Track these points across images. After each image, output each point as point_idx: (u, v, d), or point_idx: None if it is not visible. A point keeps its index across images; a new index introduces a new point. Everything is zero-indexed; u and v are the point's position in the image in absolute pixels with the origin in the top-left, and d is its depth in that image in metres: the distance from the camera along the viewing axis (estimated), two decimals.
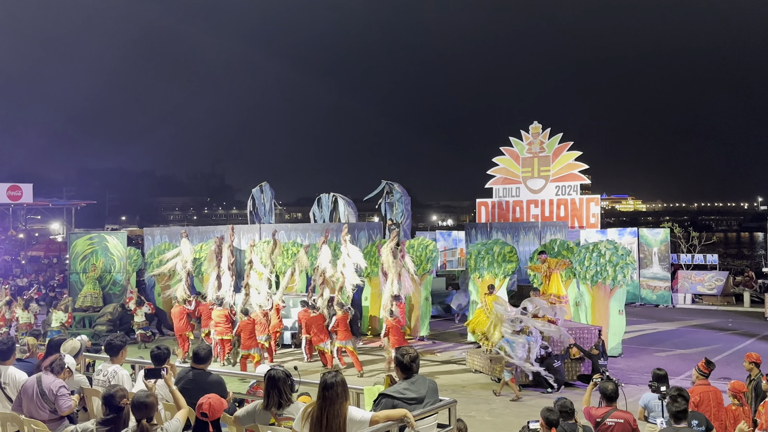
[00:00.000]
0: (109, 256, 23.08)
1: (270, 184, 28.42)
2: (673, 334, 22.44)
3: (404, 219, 26.39)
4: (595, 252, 18.73)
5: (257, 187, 28.50)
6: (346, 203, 27.22)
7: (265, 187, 28.46)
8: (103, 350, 8.23)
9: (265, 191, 28.37)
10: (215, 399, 5.63)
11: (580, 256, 19.01)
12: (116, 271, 23.08)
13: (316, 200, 28.39)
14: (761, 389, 9.34)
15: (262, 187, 28.48)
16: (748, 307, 28.66)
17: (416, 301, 20.98)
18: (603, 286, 18.38)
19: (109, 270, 23.06)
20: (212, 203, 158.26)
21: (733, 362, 16.93)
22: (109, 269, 23.06)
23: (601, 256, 18.62)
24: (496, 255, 20.14)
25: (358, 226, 23.99)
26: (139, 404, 5.55)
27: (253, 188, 28.56)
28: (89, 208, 59.34)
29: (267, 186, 28.51)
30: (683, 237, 32.80)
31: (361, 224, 24.64)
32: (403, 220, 26.33)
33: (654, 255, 30.67)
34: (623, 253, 18.67)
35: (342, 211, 27.11)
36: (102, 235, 24.06)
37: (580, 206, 32.37)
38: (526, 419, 8.55)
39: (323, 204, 27.93)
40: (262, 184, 28.53)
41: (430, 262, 21.42)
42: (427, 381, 5.72)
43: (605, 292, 18.37)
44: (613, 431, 7.30)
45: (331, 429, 5.08)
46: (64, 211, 49.81)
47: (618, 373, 15.19)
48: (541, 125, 33.56)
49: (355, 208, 27.60)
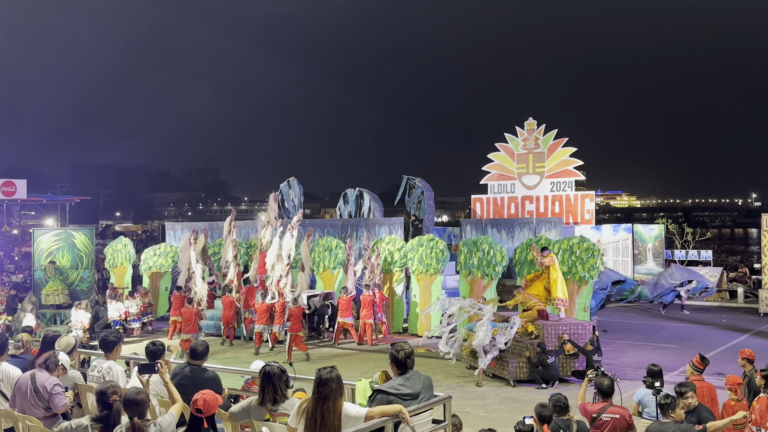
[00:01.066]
0: (75, 252, 22.81)
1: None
2: (666, 329, 22.50)
3: (427, 214, 25.97)
4: (567, 250, 18.97)
5: (285, 183, 27.76)
6: (371, 198, 26.83)
7: (293, 182, 27.71)
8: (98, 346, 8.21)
9: (293, 186, 27.65)
10: (210, 395, 5.63)
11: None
12: (83, 268, 22.92)
13: (342, 195, 28.00)
14: (755, 385, 9.37)
15: (289, 182, 27.73)
16: (742, 302, 28.76)
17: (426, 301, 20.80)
18: (572, 283, 18.62)
19: (76, 266, 22.79)
20: (207, 199, 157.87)
21: (726, 358, 16.99)
22: (76, 266, 22.80)
23: (572, 254, 18.86)
24: (486, 253, 20.26)
25: (378, 221, 24.04)
26: (129, 401, 5.54)
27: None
28: (83, 203, 59.17)
29: (295, 181, 27.76)
30: (677, 233, 32.91)
31: (382, 220, 24.44)
32: (426, 215, 25.89)
33: (648, 251, 30.76)
34: (593, 251, 18.81)
35: (367, 206, 26.71)
36: (68, 231, 23.83)
37: (575, 202, 32.40)
38: (521, 414, 8.57)
39: (349, 199, 27.57)
40: (290, 180, 27.78)
41: (441, 262, 21.13)
42: (422, 377, 5.72)
43: (573, 290, 18.63)
44: (608, 426, 7.32)
45: (326, 425, 5.08)
46: (58, 206, 49.65)
47: (613, 368, 15.22)
48: (536, 121, 33.54)
49: (380, 203, 27.32)
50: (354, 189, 27.59)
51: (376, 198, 27.33)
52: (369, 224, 23.89)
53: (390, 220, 24.11)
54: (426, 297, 20.95)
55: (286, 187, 27.77)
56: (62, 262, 22.63)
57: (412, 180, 27.14)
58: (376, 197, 27.47)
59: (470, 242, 21.08)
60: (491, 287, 20.16)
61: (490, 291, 19.97)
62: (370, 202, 26.75)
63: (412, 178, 27.17)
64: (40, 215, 52.58)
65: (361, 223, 24.08)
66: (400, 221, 24.04)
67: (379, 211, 26.97)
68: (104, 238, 60.22)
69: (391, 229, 23.22)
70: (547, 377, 14.89)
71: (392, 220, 24.08)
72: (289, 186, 27.73)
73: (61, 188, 74.58)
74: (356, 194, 27.46)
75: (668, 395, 7.13)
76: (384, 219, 24.82)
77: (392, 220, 24.08)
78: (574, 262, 18.91)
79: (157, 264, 25.25)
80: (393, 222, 23.83)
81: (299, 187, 27.70)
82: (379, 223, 23.85)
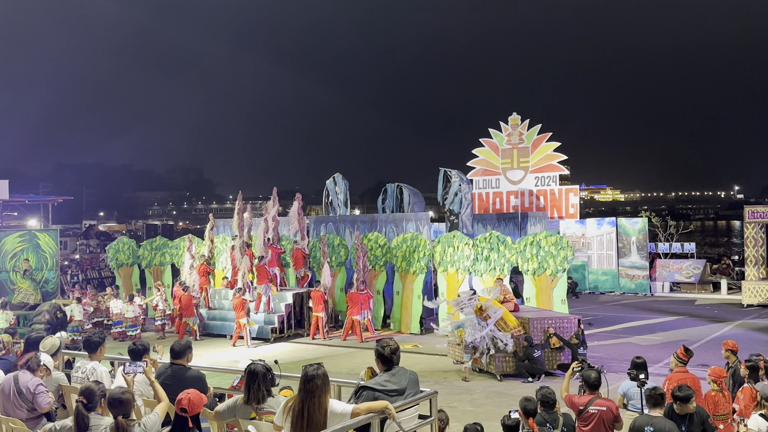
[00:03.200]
0: (40, 253, 22.67)
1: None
2: (651, 322, 22.64)
3: (464, 209, 24.73)
4: (535, 245, 19.24)
5: (330, 179, 26.97)
6: (411, 193, 26.34)
7: (338, 178, 26.85)
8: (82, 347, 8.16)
9: (338, 182, 26.80)
10: (194, 394, 5.59)
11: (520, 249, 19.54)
12: (48, 269, 22.70)
13: (382, 191, 27.55)
14: (739, 376, 9.44)
15: (335, 178, 26.90)
16: (726, 294, 29.01)
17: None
18: (546, 277, 19.04)
19: (41, 268, 22.63)
20: (192, 198, 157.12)
21: (710, 349, 17.13)
22: (41, 267, 22.63)
23: (541, 249, 19.14)
24: (457, 249, 20.33)
25: (406, 217, 23.71)
26: (114, 401, 5.50)
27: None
28: (67, 204, 58.61)
29: (340, 177, 26.87)
30: (661, 226, 33.11)
31: (410, 215, 23.97)
32: (463, 210, 24.73)
33: (632, 244, 30.93)
34: (561, 245, 19.11)
35: (407, 201, 26.26)
36: (33, 233, 23.68)
37: (560, 197, 32.55)
38: (507, 408, 8.59)
39: (388, 194, 27.12)
40: (335, 176, 26.91)
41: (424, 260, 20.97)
42: (407, 372, 5.72)
43: (546, 284, 19.08)
44: (595, 419, 7.35)
45: (312, 421, 5.07)
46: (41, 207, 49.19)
47: (598, 361, 15.30)
48: (520, 116, 33.66)
49: (421, 198, 26.86)
50: (393, 184, 27.01)
51: (416, 192, 26.67)
52: (397, 220, 23.54)
53: (417, 215, 23.68)
54: (408, 294, 20.95)
55: (332, 183, 26.92)
56: (24, 265, 22.48)
57: (449, 172, 26.13)
58: (417, 192, 26.83)
59: (442, 238, 21.21)
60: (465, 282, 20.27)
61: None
62: (410, 197, 26.19)
63: (449, 171, 26.21)
64: (22, 216, 52.11)
65: (389, 219, 23.75)
66: (427, 216, 23.60)
67: (420, 205, 26.44)
68: (87, 239, 59.87)
69: (418, 224, 22.77)
70: (534, 371, 14.96)
71: (419, 215, 23.62)
72: (335, 182, 26.88)
73: (44, 188, 73.91)
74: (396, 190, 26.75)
75: (657, 387, 7.16)
76: (411, 214, 24.23)
77: (419, 215, 23.62)
78: (544, 257, 19.23)
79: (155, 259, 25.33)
80: (420, 217, 23.38)
81: (344, 183, 26.82)
82: (406, 218, 23.38)
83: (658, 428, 6.72)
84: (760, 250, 26.45)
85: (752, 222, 26.66)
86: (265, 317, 20.69)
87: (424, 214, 24.24)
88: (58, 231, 24.99)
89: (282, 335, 20.57)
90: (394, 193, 26.92)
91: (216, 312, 21.87)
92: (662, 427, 6.75)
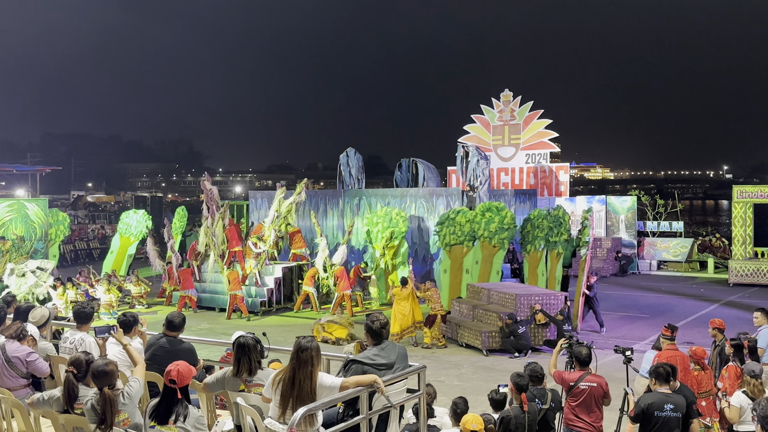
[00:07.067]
0: (29, 223, 22.40)
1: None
2: (639, 300, 22.82)
3: (482, 184, 23.86)
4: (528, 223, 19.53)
5: (344, 153, 26.65)
6: (426, 168, 26.14)
7: (351, 152, 26.56)
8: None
9: (350, 157, 26.52)
10: (184, 366, 5.60)
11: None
12: (37, 239, 22.50)
13: (397, 165, 27.38)
14: (725, 354, 9.54)
15: (348, 153, 26.63)
16: (712, 273, 29.25)
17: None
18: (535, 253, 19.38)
19: (29, 238, 22.39)
20: (181, 170, 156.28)
21: (696, 327, 17.31)
22: (30, 237, 22.39)
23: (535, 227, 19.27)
24: (462, 224, 20.12)
25: (436, 192, 23.58)
26: (98, 372, 5.50)
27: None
28: (55, 174, 58.32)
29: (353, 151, 26.58)
30: (650, 204, 33.25)
31: (440, 190, 23.89)
32: (481, 185, 23.88)
33: (621, 222, 31.10)
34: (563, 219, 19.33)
35: (421, 176, 26.09)
36: (21, 202, 23.37)
37: (550, 174, 32.56)
38: (495, 383, 8.66)
39: (403, 169, 26.94)
40: (348, 150, 26.64)
41: (508, 231, 19.61)
42: (396, 347, 5.75)
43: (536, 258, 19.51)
44: (585, 395, 7.41)
45: (302, 391, 5.10)
46: (29, 177, 48.89)
47: (583, 337, 15.42)
48: (511, 93, 33.50)
49: (436, 173, 26.69)
50: (408, 159, 26.84)
51: (430, 168, 26.45)
52: (427, 195, 23.34)
53: (448, 191, 23.60)
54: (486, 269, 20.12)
55: (345, 157, 26.63)
56: (16, 233, 22.17)
57: (466, 147, 25.50)
58: (431, 167, 26.64)
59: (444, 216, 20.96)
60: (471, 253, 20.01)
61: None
62: (424, 172, 26.02)
63: (467, 146, 25.70)
64: (10, 186, 51.75)
65: (419, 194, 23.49)
66: (457, 191, 23.21)
67: (434, 181, 26.32)
68: (76, 209, 59.55)
69: (449, 200, 22.53)
70: (519, 347, 15.08)
71: (450, 191, 23.60)
72: (347, 156, 26.62)
73: (32, 158, 73.42)
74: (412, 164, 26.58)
75: (666, 364, 7.22)
76: (441, 189, 24.15)
77: (450, 191, 23.60)
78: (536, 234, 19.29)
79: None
80: (451, 193, 23.22)
81: (357, 158, 26.55)
82: (436, 194, 23.24)
83: (678, 406, 6.95)
84: (748, 229, 26.65)
85: (740, 201, 26.84)
86: (256, 290, 20.73)
87: (455, 189, 24.11)
88: (46, 201, 24.71)
89: (270, 309, 20.65)
90: (409, 167, 26.80)
91: (206, 285, 21.82)
92: (680, 403, 6.99)
